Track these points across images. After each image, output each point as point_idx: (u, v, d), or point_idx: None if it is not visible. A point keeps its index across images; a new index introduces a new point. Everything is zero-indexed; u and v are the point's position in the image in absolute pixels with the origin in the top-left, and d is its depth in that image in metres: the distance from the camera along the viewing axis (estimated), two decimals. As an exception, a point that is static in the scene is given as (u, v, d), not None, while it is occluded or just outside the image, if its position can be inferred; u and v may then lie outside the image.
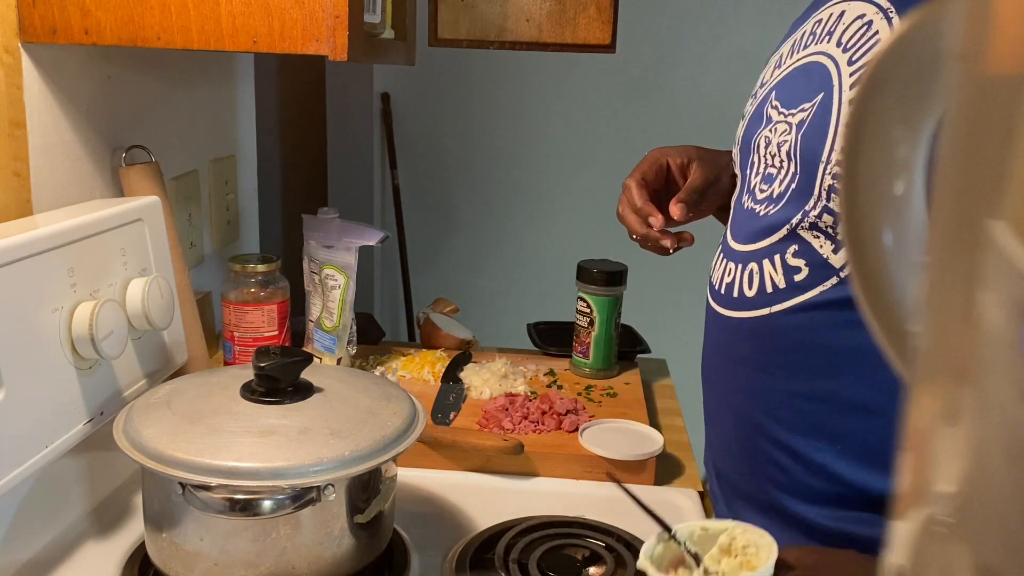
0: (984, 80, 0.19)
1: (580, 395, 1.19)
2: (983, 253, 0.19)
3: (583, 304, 1.26)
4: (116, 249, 0.86)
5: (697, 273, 2.87)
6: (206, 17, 0.84)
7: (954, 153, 0.20)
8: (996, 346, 0.18)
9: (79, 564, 0.80)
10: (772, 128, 0.82)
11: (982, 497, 0.19)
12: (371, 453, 0.69)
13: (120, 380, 0.86)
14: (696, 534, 0.70)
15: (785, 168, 0.80)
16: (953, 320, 0.20)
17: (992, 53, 0.19)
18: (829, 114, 0.74)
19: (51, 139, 0.94)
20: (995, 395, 0.18)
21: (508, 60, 2.59)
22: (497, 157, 2.71)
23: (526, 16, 2.28)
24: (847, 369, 0.76)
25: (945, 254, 0.21)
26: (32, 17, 0.86)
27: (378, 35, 1.06)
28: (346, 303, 1.19)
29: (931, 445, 0.21)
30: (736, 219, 0.89)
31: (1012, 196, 0.18)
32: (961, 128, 0.20)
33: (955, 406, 0.20)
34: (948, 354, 0.21)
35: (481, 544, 0.82)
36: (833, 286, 0.75)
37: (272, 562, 0.69)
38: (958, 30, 0.20)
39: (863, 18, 0.75)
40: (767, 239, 0.80)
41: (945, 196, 0.21)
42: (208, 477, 0.65)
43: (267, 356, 0.72)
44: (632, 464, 1.00)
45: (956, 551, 0.20)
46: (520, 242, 2.78)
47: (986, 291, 0.19)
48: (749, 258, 0.83)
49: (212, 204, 1.39)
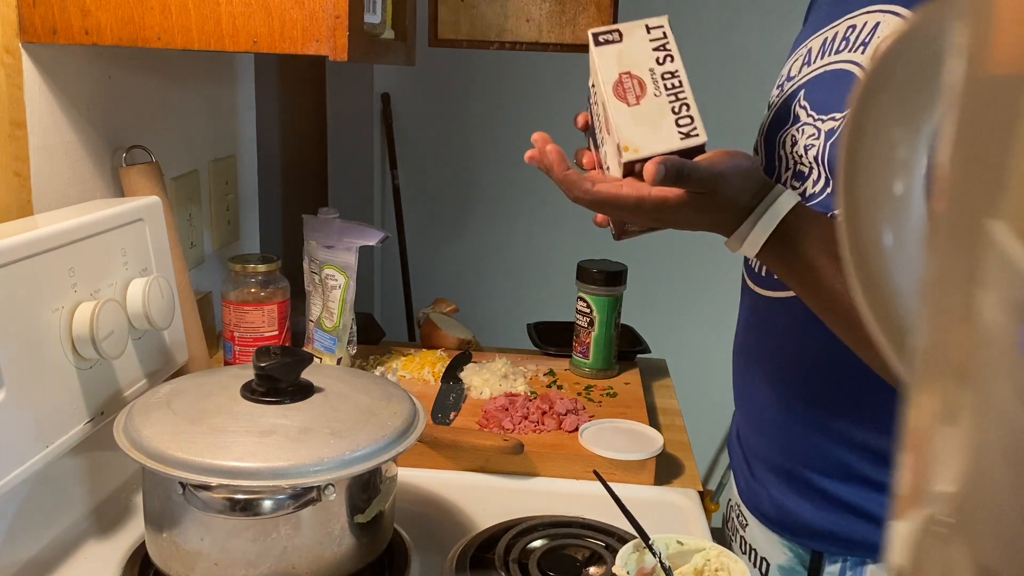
0: (984, 80, 0.19)
1: (580, 395, 1.19)
2: (983, 253, 0.19)
3: (583, 304, 1.26)
4: (117, 249, 0.86)
5: (697, 273, 2.87)
6: (206, 17, 0.84)
7: (954, 153, 0.20)
8: (996, 346, 0.18)
9: (79, 564, 0.80)
10: (799, 128, 0.84)
11: (982, 497, 0.19)
12: (371, 453, 0.69)
13: (120, 380, 0.86)
14: (672, 547, 0.71)
15: (816, 172, 0.81)
16: (953, 320, 0.20)
17: (992, 53, 0.19)
18: None
19: (51, 139, 0.94)
20: (995, 395, 0.18)
21: (508, 60, 2.59)
22: (497, 157, 2.71)
23: (526, 16, 2.28)
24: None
25: (945, 254, 0.21)
26: (32, 17, 0.86)
27: (378, 35, 1.06)
28: (346, 303, 1.19)
29: (931, 445, 0.21)
30: None
31: (1012, 196, 0.18)
32: (961, 128, 0.20)
33: (955, 406, 0.20)
34: (948, 354, 0.21)
35: (481, 544, 0.82)
36: None
37: (272, 562, 0.69)
38: (958, 30, 0.20)
39: None
40: None
41: (945, 196, 0.21)
42: (208, 477, 0.64)
43: (267, 356, 0.72)
44: (632, 464, 1.00)
45: (956, 551, 0.20)
46: (520, 242, 2.78)
47: (986, 291, 0.19)
48: None
49: (212, 204, 1.39)
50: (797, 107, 0.85)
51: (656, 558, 0.69)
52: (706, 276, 2.70)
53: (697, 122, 0.74)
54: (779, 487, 0.91)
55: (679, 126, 0.74)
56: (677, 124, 0.74)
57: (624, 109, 0.75)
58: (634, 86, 0.75)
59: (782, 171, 0.86)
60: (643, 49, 0.76)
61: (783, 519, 0.91)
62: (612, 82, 0.76)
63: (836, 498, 0.86)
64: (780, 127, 0.87)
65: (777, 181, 0.86)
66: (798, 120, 0.84)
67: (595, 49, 0.77)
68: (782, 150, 0.86)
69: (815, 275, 0.72)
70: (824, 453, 0.86)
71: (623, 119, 0.74)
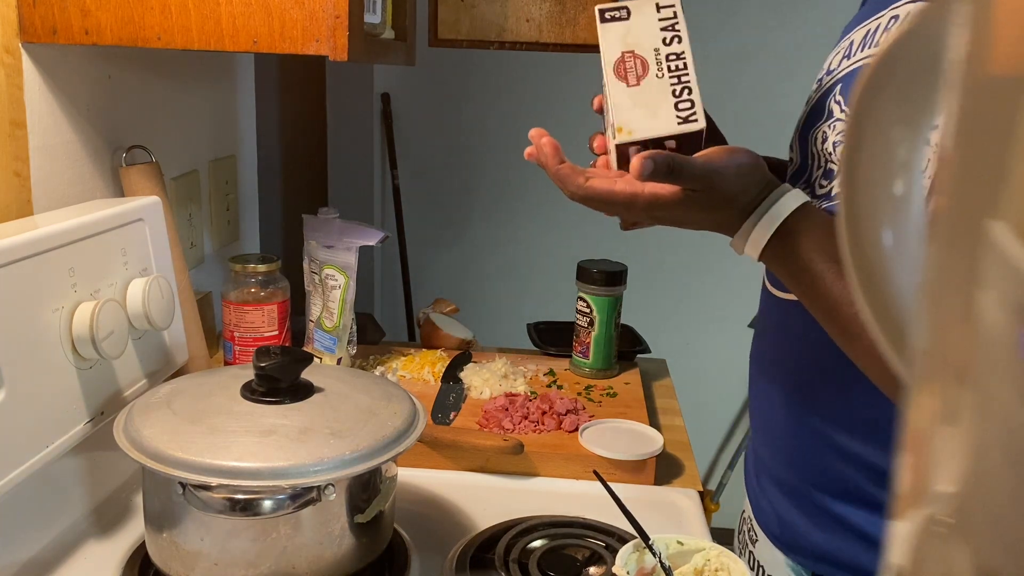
0: (984, 80, 0.19)
1: (580, 395, 1.19)
2: (983, 253, 0.19)
3: (583, 304, 1.26)
4: (116, 249, 0.86)
5: (697, 273, 2.86)
6: (206, 17, 0.84)
7: (954, 153, 0.20)
8: (996, 346, 0.18)
9: (79, 564, 0.80)
10: (831, 125, 0.80)
11: (982, 497, 0.19)
12: (371, 453, 0.69)
13: (120, 380, 0.86)
14: (672, 547, 0.71)
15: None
16: (953, 320, 0.20)
17: (992, 53, 0.19)
18: None
19: (51, 139, 0.94)
20: (995, 395, 0.18)
21: (508, 60, 2.59)
22: (497, 157, 2.71)
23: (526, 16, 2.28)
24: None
25: (945, 254, 0.21)
26: (32, 17, 0.86)
27: (378, 35, 1.06)
28: (346, 303, 1.19)
29: (931, 445, 0.21)
30: None
31: (1012, 196, 0.18)
32: (961, 128, 0.20)
33: (955, 406, 0.20)
34: (948, 354, 0.21)
35: (481, 544, 0.82)
36: None
37: (272, 562, 0.69)
38: (958, 30, 0.20)
39: None
40: None
41: (945, 196, 0.21)
42: (208, 477, 0.64)
43: (267, 356, 0.72)
44: (632, 464, 1.00)
45: (956, 551, 0.20)
46: (520, 242, 2.78)
47: (986, 291, 0.19)
48: None
49: (212, 204, 1.39)
50: (832, 102, 0.81)
51: (656, 558, 0.69)
52: (706, 276, 2.70)
53: (698, 107, 0.70)
54: (785, 503, 0.87)
55: (678, 110, 0.70)
56: (676, 108, 0.71)
57: (623, 89, 0.72)
58: (636, 66, 0.72)
59: (814, 169, 0.82)
60: (650, 28, 0.73)
61: (788, 537, 0.87)
62: (614, 61, 0.73)
63: (842, 521, 0.81)
64: (814, 123, 0.83)
65: (809, 180, 0.82)
66: (831, 116, 0.80)
67: (601, 26, 0.74)
68: (814, 147, 0.82)
69: (816, 280, 0.68)
70: (832, 471, 0.81)
71: (621, 99, 0.72)
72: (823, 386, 0.81)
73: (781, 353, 0.87)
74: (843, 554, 0.81)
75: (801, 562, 0.86)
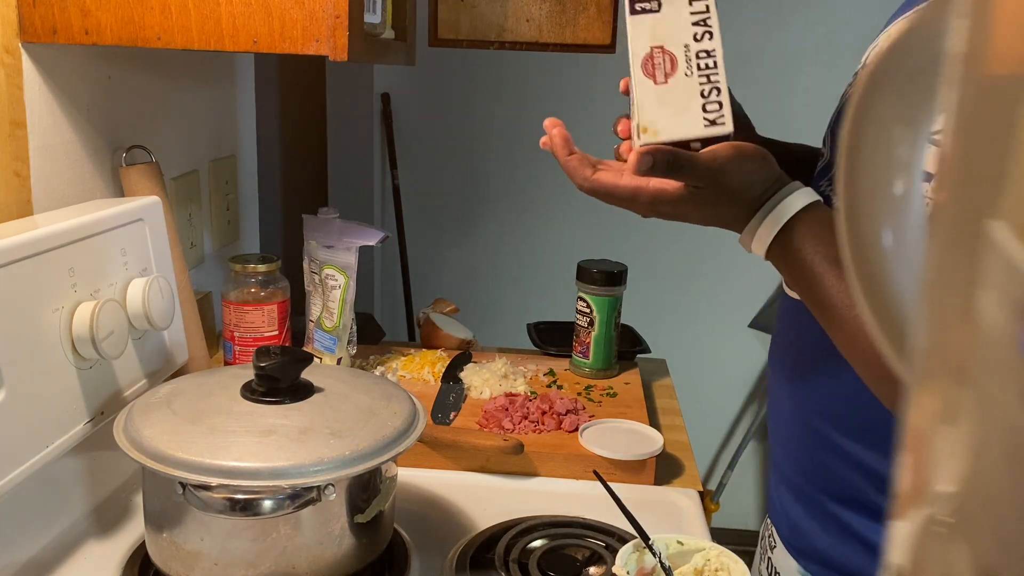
0: (984, 80, 0.19)
1: (580, 395, 1.19)
2: (983, 253, 0.19)
3: (583, 304, 1.26)
4: (116, 249, 0.86)
5: (697, 273, 2.86)
6: (206, 17, 0.84)
7: (953, 153, 0.20)
8: (996, 346, 0.18)
9: (79, 564, 0.80)
10: None
11: (982, 497, 0.19)
12: (371, 453, 0.69)
13: (120, 380, 0.86)
14: (672, 547, 0.71)
15: None
16: (953, 320, 0.20)
17: (992, 53, 0.19)
18: None
19: (51, 139, 0.94)
20: (995, 395, 0.18)
21: (508, 60, 2.59)
22: (497, 157, 2.71)
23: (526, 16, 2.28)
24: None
25: (945, 254, 0.21)
26: (32, 17, 0.86)
27: (378, 35, 1.06)
28: (346, 303, 1.19)
29: (931, 445, 0.21)
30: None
31: (1012, 196, 0.18)
32: (961, 128, 0.20)
33: (955, 406, 0.20)
34: (948, 354, 0.21)
35: (481, 544, 0.82)
36: None
37: (272, 562, 0.69)
38: (958, 30, 0.20)
39: None
40: None
41: (944, 195, 0.21)
42: (208, 477, 0.64)
43: (267, 356, 0.72)
44: (632, 464, 1.00)
45: (956, 551, 0.20)
46: (520, 242, 2.78)
47: (986, 291, 0.19)
48: None
49: (212, 204, 1.39)
50: None
51: (656, 558, 0.70)
52: (706, 276, 2.70)
53: (726, 109, 0.68)
54: (796, 508, 0.86)
55: (705, 111, 0.68)
56: (704, 109, 0.68)
57: (650, 87, 0.69)
58: (664, 63, 0.69)
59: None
60: (681, 22, 0.70)
61: (798, 542, 0.86)
62: (642, 56, 0.69)
63: (848, 527, 0.80)
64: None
65: (831, 177, 0.80)
66: None
67: (630, 18, 0.70)
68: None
69: (817, 281, 0.66)
70: (838, 476, 0.80)
71: (648, 98, 0.69)
72: (829, 388, 0.80)
73: (792, 353, 0.86)
74: (849, 561, 0.80)
75: (811, 568, 0.85)
